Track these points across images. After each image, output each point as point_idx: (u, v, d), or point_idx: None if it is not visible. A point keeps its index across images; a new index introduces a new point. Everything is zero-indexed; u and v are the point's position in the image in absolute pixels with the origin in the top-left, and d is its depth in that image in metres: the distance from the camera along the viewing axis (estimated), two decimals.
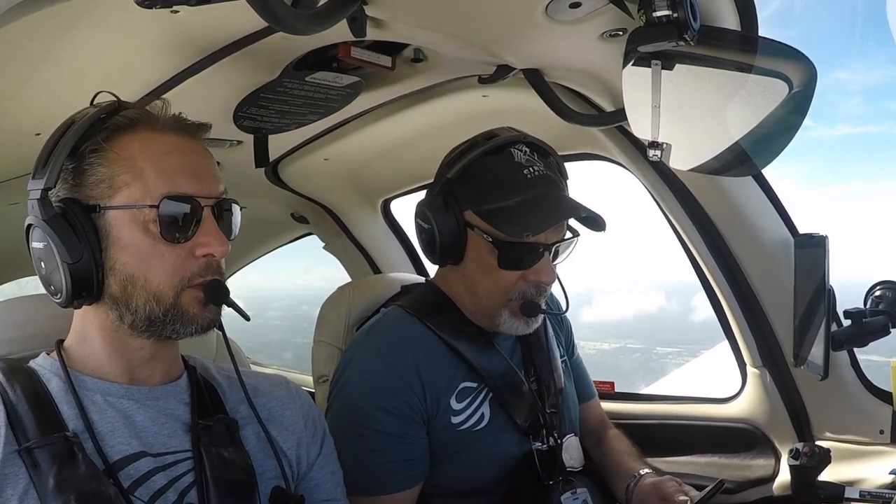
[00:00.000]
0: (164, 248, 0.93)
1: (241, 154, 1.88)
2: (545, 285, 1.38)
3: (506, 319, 1.39)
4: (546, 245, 1.35)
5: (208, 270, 0.96)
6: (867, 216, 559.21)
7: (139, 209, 0.92)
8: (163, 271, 0.93)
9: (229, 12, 1.02)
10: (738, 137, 1.35)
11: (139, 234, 0.93)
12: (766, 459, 1.79)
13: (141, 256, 0.93)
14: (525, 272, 1.36)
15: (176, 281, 0.94)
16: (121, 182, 0.93)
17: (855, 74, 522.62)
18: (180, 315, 0.95)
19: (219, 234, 0.97)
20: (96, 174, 0.93)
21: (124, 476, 0.90)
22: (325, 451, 1.14)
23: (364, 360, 1.38)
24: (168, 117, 0.98)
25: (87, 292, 0.93)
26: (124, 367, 0.98)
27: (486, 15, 1.23)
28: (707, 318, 1.92)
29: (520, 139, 1.39)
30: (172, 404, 1.00)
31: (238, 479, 0.96)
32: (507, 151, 1.37)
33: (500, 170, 1.36)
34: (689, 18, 1.08)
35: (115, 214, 0.93)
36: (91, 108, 0.97)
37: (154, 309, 0.94)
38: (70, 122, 0.95)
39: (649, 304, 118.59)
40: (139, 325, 0.95)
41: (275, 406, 1.10)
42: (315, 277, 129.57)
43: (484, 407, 1.39)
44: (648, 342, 54.47)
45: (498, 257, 1.35)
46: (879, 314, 1.50)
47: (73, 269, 0.91)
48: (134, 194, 0.92)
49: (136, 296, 0.93)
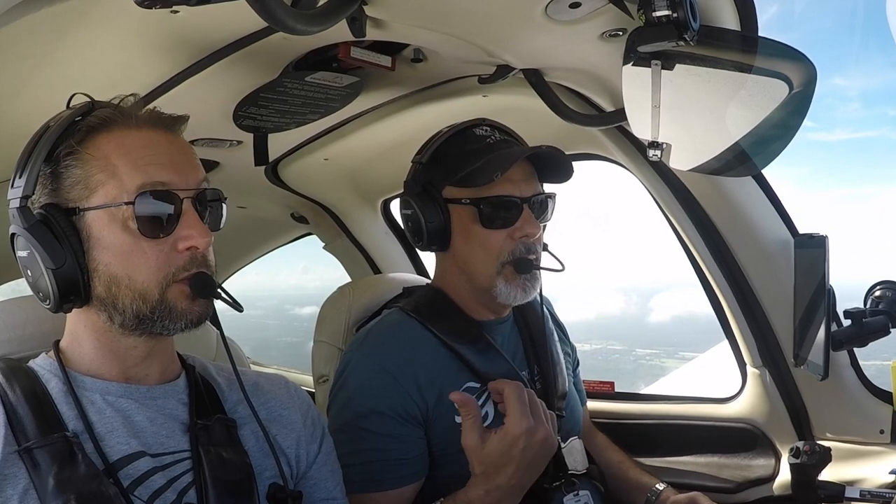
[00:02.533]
0: (146, 245, 0.92)
1: (241, 154, 1.88)
2: (531, 238, 1.40)
3: (502, 289, 1.41)
4: (522, 198, 1.39)
5: (193, 263, 0.95)
6: (866, 219, 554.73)
7: (116, 207, 0.91)
8: (146, 268, 0.92)
9: (229, 12, 1.02)
10: (738, 137, 1.35)
11: (119, 232, 0.92)
12: (766, 459, 1.79)
13: (123, 255, 0.92)
14: (510, 230, 1.39)
15: (160, 277, 0.93)
16: (96, 182, 0.92)
17: (852, 80, 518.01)
18: (168, 311, 0.94)
19: (201, 226, 0.95)
20: (72, 176, 0.93)
21: (124, 476, 0.90)
22: (325, 450, 1.14)
23: (360, 362, 1.39)
24: (142, 113, 0.97)
25: (74, 296, 0.93)
26: (119, 367, 0.98)
27: (485, 15, 1.23)
28: (670, 319, 1.92)
29: (481, 122, 1.47)
30: (171, 404, 1.00)
31: (237, 479, 0.96)
32: (470, 131, 1.45)
33: (465, 145, 1.43)
34: (689, 18, 1.08)
35: (93, 215, 0.92)
36: (66, 111, 0.96)
37: (141, 307, 0.93)
38: (45, 127, 0.95)
39: (611, 305, 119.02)
40: (129, 324, 0.94)
41: (274, 405, 1.10)
42: (312, 277, 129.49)
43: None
44: (606, 340, 53.93)
45: (480, 218, 1.39)
46: (879, 314, 1.50)
47: (58, 274, 0.91)
48: (110, 193, 0.92)
49: (122, 295, 0.93)
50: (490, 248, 1.40)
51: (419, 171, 1.46)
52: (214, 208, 1.00)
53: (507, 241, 1.39)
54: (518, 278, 1.41)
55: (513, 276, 1.40)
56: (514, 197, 1.38)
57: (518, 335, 1.53)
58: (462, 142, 1.44)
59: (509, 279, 1.40)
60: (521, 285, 1.41)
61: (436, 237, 1.43)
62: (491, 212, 1.38)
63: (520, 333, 1.54)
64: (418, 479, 1.35)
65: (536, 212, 1.41)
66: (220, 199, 1.01)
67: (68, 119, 0.94)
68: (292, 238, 3.02)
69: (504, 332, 1.51)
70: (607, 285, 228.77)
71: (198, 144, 1.80)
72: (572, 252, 2.51)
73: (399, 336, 1.43)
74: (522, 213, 1.39)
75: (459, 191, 1.40)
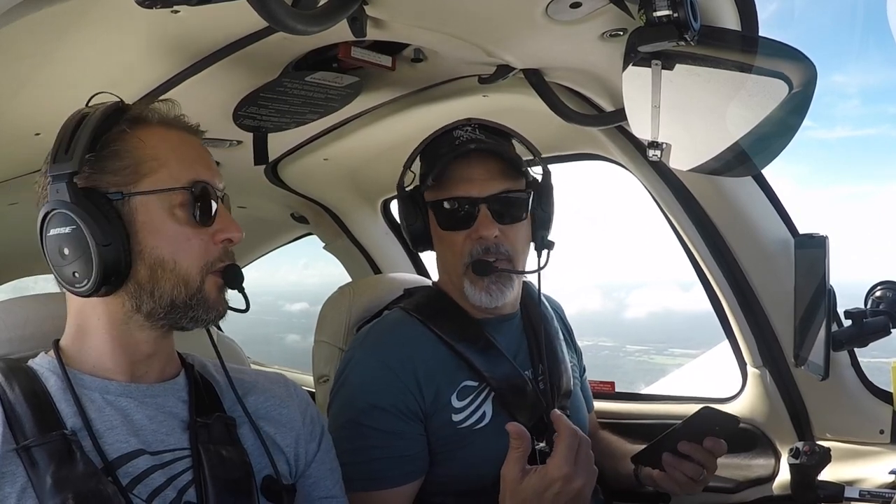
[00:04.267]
0: (191, 232, 0.97)
1: (241, 154, 1.88)
2: (487, 240, 1.39)
3: (469, 291, 1.42)
4: (479, 198, 1.38)
5: (227, 256, 1.01)
6: (866, 219, 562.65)
7: (168, 193, 0.95)
8: (191, 255, 0.96)
9: (229, 12, 1.03)
10: (738, 137, 1.35)
11: (167, 217, 0.95)
12: (766, 459, 1.79)
13: (171, 240, 0.95)
14: (468, 231, 1.39)
15: (202, 265, 0.97)
16: (147, 168, 0.95)
17: (852, 77, 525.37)
18: (203, 300, 0.97)
19: (234, 221, 1.01)
20: (121, 160, 0.95)
21: (123, 474, 0.90)
22: (324, 449, 1.14)
23: (362, 359, 1.40)
24: (173, 116, 1.02)
25: (115, 277, 0.93)
26: (126, 362, 0.98)
27: (486, 15, 1.23)
28: (646, 316, 1.93)
29: (466, 122, 1.46)
30: (171, 402, 1.01)
31: (236, 478, 0.96)
32: (451, 133, 1.45)
33: (439, 147, 1.44)
34: (690, 18, 1.08)
35: (141, 200, 0.94)
36: (100, 104, 0.98)
37: (180, 293, 0.95)
38: (82, 114, 0.96)
39: (592, 302, 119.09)
40: (158, 312, 0.96)
41: (272, 404, 1.10)
42: (311, 273, 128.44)
43: (486, 406, 1.39)
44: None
45: (437, 220, 1.41)
46: (880, 314, 1.50)
47: (105, 252, 0.91)
48: (161, 179, 0.95)
49: (165, 279, 0.95)
50: (453, 250, 1.42)
51: (403, 174, 1.50)
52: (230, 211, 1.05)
53: (465, 242, 1.40)
54: (481, 281, 1.40)
55: (475, 279, 1.41)
56: (468, 197, 1.39)
57: (524, 334, 1.53)
58: (438, 144, 1.45)
59: (473, 281, 1.41)
60: (484, 288, 1.41)
61: (418, 239, 1.48)
62: (446, 213, 1.41)
63: (525, 332, 1.54)
64: (419, 477, 1.36)
65: (497, 211, 1.40)
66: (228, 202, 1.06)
67: (111, 108, 0.96)
68: (292, 238, 3.02)
69: (507, 330, 1.50)
70: (587, 283, 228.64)
71: None
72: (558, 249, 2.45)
73: (399, 334, 1.43)
74: (479, 214, 1.39)
75: (428, 193, 1.44)
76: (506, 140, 1.49)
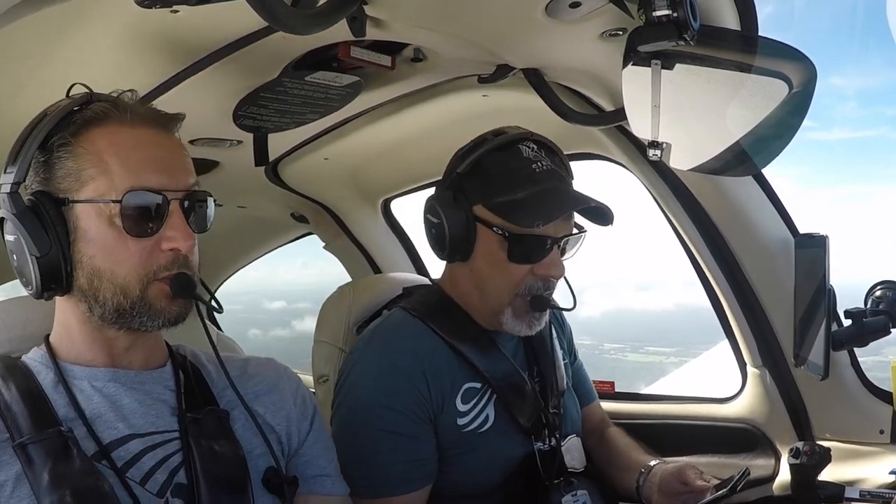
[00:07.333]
0: (130, 242, 0.94)
1: (241, 154, 1.87)
2: (554, 279, 1.38)
3: (509, 319, 1.39)
4: (555, 238, 1.36)
5: (175, 264, 0.97)
6: (866, 219, 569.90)
7: (104, 203, 0.93)
8: (129, 264, 0.94)
9: (229, 12, 1.02)
10: (738, 137, 1.35)
11: (105, 227, 0.93)
12: (766, 459, 1.78)
13: (107, 250, 0.94)
14: (534, 266, 1.37)
15: (142, 274, 0.95)
16: (87, 176, 0.94)
17: (850, 80, 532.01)
18: (147, 308, 0.95)
19: (185, 228, 0.96)
20: (64, 168, 0.94)
21: (116, 458, 0.92)
22: (316, 428, 1.14)
23: (370, 361, 1.38)
24: (139, 110, 0.98)
25: (56, 285, 0.94)
26: (106, 353, 0.99)
27: (486, 15, 1.23)
28: (600, 315, 1.92)
29: (527, 136, 1.41)
30: (158, 389, 1.02)
31: (229, 474, 0.97)
32: (516, 147, 1.38)
33: (509, 164, 1.36)
34: (689, 18, 1.09)
35: (82, 208, 0.94)
36: (64, 101, 0.97)
37: (121, 301, 0.94)
38: (42, 115, 0.96)
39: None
40: (108, 316, 0.96)
41: (263, 387, 1.11)
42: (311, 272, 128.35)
43: (489, 408, 1.38)
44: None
45: (508, 251, 1.35)
46: (880, 314, 1.50)
47: (42, 262, 0.93)
48: (99, 188, 0.93)
49: (104, 288, 0.94)
50: (510, 279, 1.37)
51: (454, 180, 1.40)
52: (201, 209, 1.01)
53: (528, 275, 1.37)
54: (529, 314, 1.39)
55: (523, 311, 1.39)
56: (546, 237, 1.35)
57: (519, 337, 1.53)
58: (505, 161, 1.36)
59: (518, 312, 1.39)
60: (527, 321, 1.40)
61: (457, 250, 1.40)
62: (521, 251, 1.35)
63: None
64: (432, 480, 1.35)
65: (564, 250, 1.39)
66: (206, 199, 1.02)
67: (65, 109, 0.95)
68: (292, 238, 3.02)
69: (506, 333, 1.50)
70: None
71: (198, 144, 1.80)
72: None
73: (406, 334, 1.42)
74: (551, 253, 1.36)
75: (493, 216, 1.35)
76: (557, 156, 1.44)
